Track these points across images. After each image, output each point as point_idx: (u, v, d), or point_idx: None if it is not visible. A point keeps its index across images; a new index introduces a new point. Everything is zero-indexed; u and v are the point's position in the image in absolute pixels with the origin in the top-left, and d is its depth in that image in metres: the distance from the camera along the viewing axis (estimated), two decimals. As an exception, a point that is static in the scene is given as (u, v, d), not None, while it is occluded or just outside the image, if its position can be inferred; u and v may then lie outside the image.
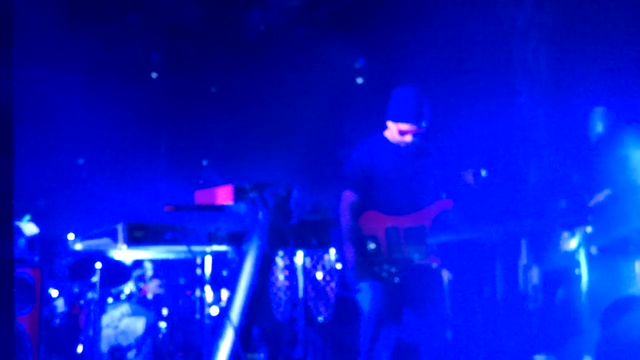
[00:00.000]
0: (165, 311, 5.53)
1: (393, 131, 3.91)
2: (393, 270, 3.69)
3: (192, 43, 6.38)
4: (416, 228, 3.78)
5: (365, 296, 3.77)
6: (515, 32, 7.68)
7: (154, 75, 6.29)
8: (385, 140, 3.97)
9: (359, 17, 7.14)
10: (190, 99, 7.52)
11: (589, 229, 6.31)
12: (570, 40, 7.22)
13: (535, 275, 7.27)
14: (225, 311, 3.25)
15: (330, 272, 6.37)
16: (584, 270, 6.36)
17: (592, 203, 4.07)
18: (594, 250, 6.36)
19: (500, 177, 7.60)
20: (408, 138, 3.87)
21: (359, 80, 7.74)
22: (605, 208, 4.96)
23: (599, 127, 7.36)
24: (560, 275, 6.44)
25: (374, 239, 3.73)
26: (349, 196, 3.84)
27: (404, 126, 3.85)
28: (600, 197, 5.95)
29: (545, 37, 7.60)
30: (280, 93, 7.00)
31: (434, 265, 3.81)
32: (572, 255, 6.39)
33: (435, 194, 3.97)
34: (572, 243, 6.39)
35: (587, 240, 6.37)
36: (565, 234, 6.32)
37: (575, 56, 7.11)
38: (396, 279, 3.70)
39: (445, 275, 5.69)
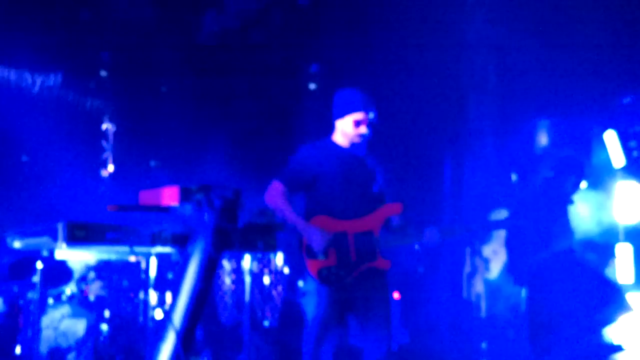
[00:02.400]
0: (107, 313, 5.44)
1: (346, 127, 3.91)
2: (341, 273, 3.71)
3: (144, 43, 6.31)
4: (365, 232, 3.80)
5: (310, 300, 3.77)
6: (465, 45, 7.83)
7: (103, 73, 6.19)
8: (333, 144, 3.99)
9: (313, 22, 7.17)
10: (139, 98, 7.43)
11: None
12: (519, 54, 7.39)
13: (479, 284, 7.40)
14: (168, 314, 3.21)
15: (277, 276, 6.36)
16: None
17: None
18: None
19: (447, 185, 7.73)
20: (363, 129, 3.89)
21: (312, 86, 7.76)
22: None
23: (543, 139, 7.56)
24: (502, 284, 6.58)
25: (323, 243, 3.73)
26: (278, 186, 3.86)
27: (358, 115, 3.88)
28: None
29: (494, 51, 7.77)
30: (231, 96, 6.98)
31: (383, 269, 3.83)
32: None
33: (382, 198, 4.00)
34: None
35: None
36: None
37: (523, 70, 7.27)
38: (343, 283, 3.71)
39: (395, 295, 5.75)
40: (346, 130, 3.93)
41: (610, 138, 6.28)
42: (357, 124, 3.89)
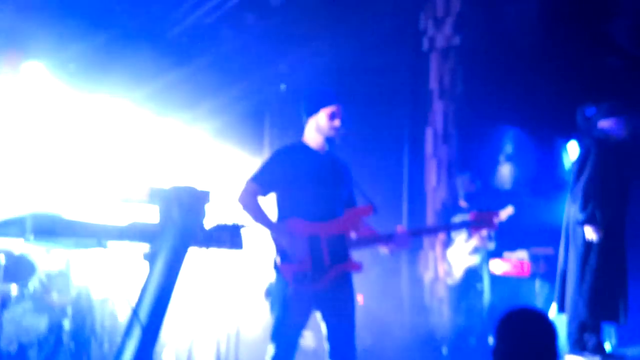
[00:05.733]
0: (69, 310, 5.39)
1: (320, 121, 3.94)
2: (316, 277, 3.72)
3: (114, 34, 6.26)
4: (337, 235, 3.82)
5: (278, 301, 3.77)
6: (434, 52, 7.94)
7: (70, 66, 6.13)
8: (305, 146, 4.00)
9: (286, 25, 7.20)
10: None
11: (491, 246, 6.59)
12: (486, 63, 7.52)
13: (441, 288, 7.49)
14: (134, 310, 3.22)
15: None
16: (486, 287, 6.63)
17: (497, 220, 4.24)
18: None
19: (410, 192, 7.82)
20: (337, 122, 3.92)
21: (282, 87, 7.78)
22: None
23: (508, 148, 7.72)
24: (464, 289, 6.67)
25: (297, 246, 3.75)
26: (251, 187, 3.84)
27: (332, 108, 3.92)
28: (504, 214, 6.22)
29: (462, 58, 7.89)
30: (202, 94, 6.96)
31: (354, 271, 3.87)
32: (475, 271, 6.65)
33: (353, 200, 4.05)
34: (475, 259, 6.65)
35: (489, 257, 6.65)
36: (468, 251, 6.57)
37: (490, 78, 7.40)
38: (314, 285, 3.72)
39: (359, 298, 5.80)
40: (321, 124, 3.93)
41: (573, 149, 6.42)
42: (332, 116, 3.92)
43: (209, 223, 3.48)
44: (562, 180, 6.33)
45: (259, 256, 5.12)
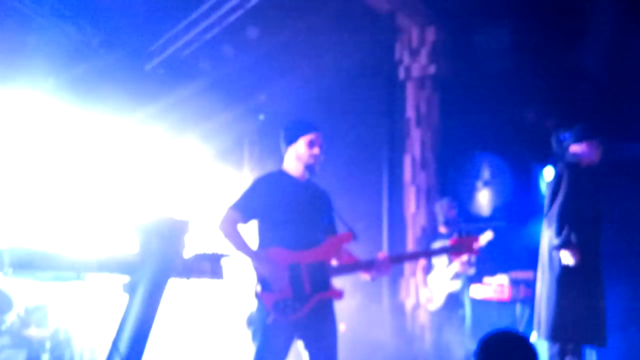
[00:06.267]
0: (48, 344, 5.32)
1: (300, 149, 3.98)
2: (297, 306, 3.72)
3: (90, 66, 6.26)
4: (318, 262, 3.83)
5: (260, 330, 3.75)
6: (410, 81, 8.06)
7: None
8: (285, 174, 4.03)
9: (264, 56, 7.27)
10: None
11: (471, 271, 6.63)
12: (461, 91, 7.63)
13: (423, 315, 7.50)
14: (113, 342, 3.19)
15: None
16: (467, 312, 6.65)
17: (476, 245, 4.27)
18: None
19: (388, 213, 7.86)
20: (317, 150, 3.96)
21: (261, 117, 7.84)
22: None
23: (485, 174, 7.80)
24: (446, 315, 6.68)
25: (278, 274, 3.74)
26: (232, 215, 3.84)
27: (311, 136, 3.97)
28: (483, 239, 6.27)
29: (438, 87, 8.02)
30: (181, 126, 6.99)
31: (336, 299, 3.87)
32: (456, 297, 6.67)
33: (334, 228, 4.07)
34: (456, 284, 6.67)
35: (469, 282, 6.68)
36: (449, 276, 6.59)
37: (465, 105, 7.51)
38: (295, 314, 3.72)
39: (341, 326, 5.78)
40: (300, 152, 3.98)
41: (549, 174, 6.49)
42: (311, 144, 3.97)
43: (189, 252, 3.47)
44: (539, 205, 6.39)
45: (239, 285, 5.10)
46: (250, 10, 6.50)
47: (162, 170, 6.97)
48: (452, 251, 4.29)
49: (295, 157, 4.01)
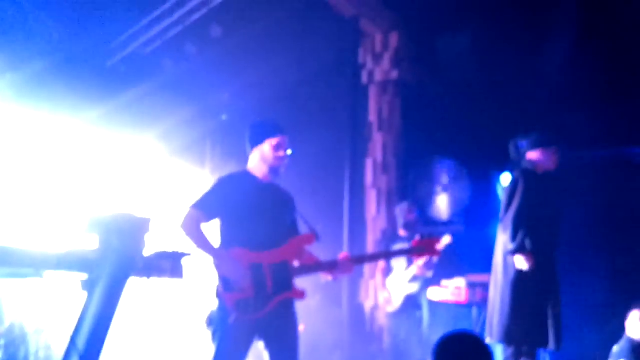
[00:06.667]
0: (2, 341, 5.22)
1: (265, 151, 3.98)
2: (258, 305, 3.72)
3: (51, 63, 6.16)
4: (280, 263, 3.84)
5: (221, 329, 3.75)
6: (373, 85, 8.12)
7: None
8: (249, 175, 4.03)
9: (227, 56, 7.24)
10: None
11: (429, 274, 6.70)
12: (423, 96, 7.73)
13: (381, 316, 7.55)
14: (71, 339, 3.16)
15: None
16: (425, 314, 6.73)
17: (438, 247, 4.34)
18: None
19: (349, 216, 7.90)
20: (282, 152, 3.97)
21: (223, 117, 7.80)
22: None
23: (444, 179, 7.91)
24: (404, 316, 6.75)
25: (239, 274, 3.74)
26: (195, 213, 3.82)
27: (276, 139, 3.97)
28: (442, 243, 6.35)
29: (400, 92, 8.10)
30: (143, 123, 6.91)
31: (298, 299, 3.89)
32: (414, 299, 6.74)
33: (296, 229, 4.08)
34: (414, 287, 6.74)
35: (427, 285, 6.76)
36: (407, 279, 6.66)
37: (427, 110, 7.60)
38: (257, 314, 3.72)
39: (301, 327, 5.80)
40: (266, 154, 3.98)
41: (506, 180, 6.60)
42: (277, 147, 3.97)
43: (149, 250, 3.45)
44: (496, 210, 6.51)
45: (200, 284, 5.08)
46: (214, 9, 6.48)
47: (121, 167, 6.90)
48: (415, 252, 4.35)
49: (260, 159, 4.01)
